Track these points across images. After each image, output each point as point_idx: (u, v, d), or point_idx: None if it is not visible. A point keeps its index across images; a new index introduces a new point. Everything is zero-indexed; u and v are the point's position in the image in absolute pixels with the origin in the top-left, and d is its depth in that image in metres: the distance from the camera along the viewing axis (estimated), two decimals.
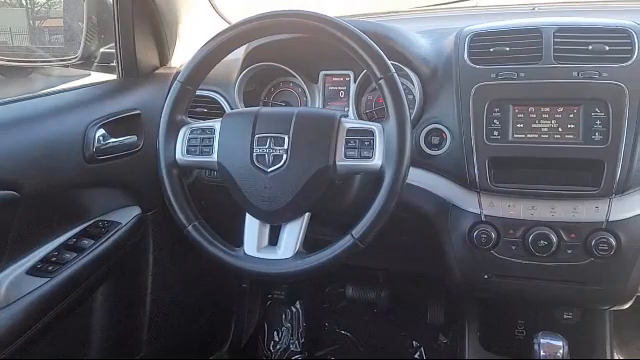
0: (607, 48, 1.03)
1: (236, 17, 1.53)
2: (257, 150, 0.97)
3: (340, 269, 1.56)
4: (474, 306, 1.37)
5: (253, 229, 1.00)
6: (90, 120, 1.16)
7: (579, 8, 1.51)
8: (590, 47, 1.03)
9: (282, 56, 1.25)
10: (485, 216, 1.07)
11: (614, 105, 0.99)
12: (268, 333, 1.87)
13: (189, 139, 1.03)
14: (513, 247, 1.06)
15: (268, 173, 0.96)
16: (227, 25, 1.02)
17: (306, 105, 1.29)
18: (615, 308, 1.14)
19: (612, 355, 1.31)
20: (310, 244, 0.99)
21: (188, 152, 1.03)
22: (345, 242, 0.92)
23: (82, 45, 1.37)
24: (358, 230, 0.92)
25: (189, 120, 1.06)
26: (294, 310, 1.86)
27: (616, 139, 0.98)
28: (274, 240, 0.99)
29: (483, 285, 1.12)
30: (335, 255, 0.93)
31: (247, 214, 1.00)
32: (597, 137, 1.00)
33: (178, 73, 1.05)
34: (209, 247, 1.00)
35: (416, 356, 1.79)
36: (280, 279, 1.45)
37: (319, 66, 1.28)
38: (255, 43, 1.21)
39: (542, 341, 1.10)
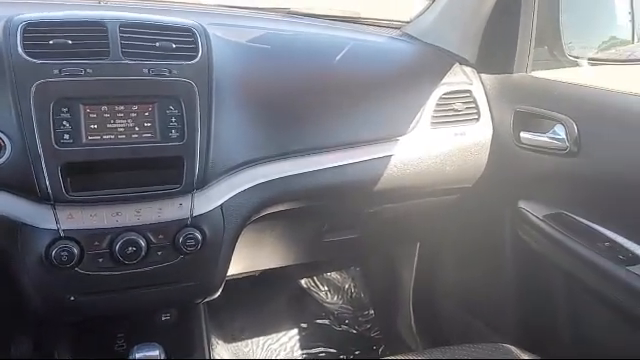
0: (174, 46, 1.03)
1: None
2: None
3: None
4: (65, 330, 1.22)
5: None
6: None
7: (147, 7, 1.51)
8: (157, 44, 1.02)
9: None
10: (64, 231, 0.94)
11: (186, 102, 1.00)
12: None
13: None
14: (100, 260, 0.97)
15: None
16: None
17: None
18: (208, 299, 1.18)
19: (209, 341, 1.38)
20: None
21: None
22: None
23: None
24: None
25: None
26: None
27: (191, 135, 1.00)
28: None
29: (71, 308, 1.00)
30: None
31: None
32: (174, 134, 0.99)
33: None
34: None
35: None
36: None
37: None
38: None
39: (138, 356, 1.05)
